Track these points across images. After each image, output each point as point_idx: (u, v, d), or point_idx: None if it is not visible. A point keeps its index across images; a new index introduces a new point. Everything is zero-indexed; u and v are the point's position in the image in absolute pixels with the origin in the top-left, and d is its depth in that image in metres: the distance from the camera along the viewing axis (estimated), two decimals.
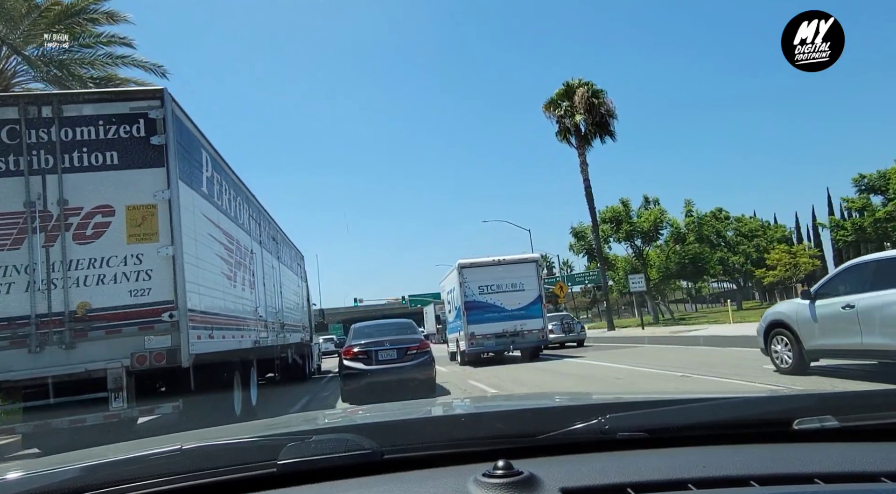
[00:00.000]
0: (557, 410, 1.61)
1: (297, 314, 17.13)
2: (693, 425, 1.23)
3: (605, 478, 0.96)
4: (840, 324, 7.89)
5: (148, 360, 6.21)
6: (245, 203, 10.73)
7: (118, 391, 6.09)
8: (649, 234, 40.97)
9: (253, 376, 10.24)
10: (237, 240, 9.66)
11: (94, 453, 1.31)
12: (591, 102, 31.15)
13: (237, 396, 8.91)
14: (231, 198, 9.56)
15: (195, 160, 7.56)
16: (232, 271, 9.08)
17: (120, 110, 6.49)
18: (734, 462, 1.02)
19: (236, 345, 8.87)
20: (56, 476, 1.08)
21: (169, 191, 6.49)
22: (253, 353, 10.29)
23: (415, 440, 1.23)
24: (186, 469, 1.07)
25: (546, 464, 1.03)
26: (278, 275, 13.82)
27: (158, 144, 6.52)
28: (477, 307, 17.25)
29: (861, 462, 1.01)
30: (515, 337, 17.11)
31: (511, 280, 17.43)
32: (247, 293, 10.09)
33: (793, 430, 1.18)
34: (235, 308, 9.15)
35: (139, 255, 6.39)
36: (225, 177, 9.21)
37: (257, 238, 11.65)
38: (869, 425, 1.20)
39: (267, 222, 13.23)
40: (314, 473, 1.07)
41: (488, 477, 0.94)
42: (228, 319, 8.62)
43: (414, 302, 60.33)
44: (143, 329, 6.29)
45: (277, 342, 12.92)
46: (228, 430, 1.66)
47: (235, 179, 10.11)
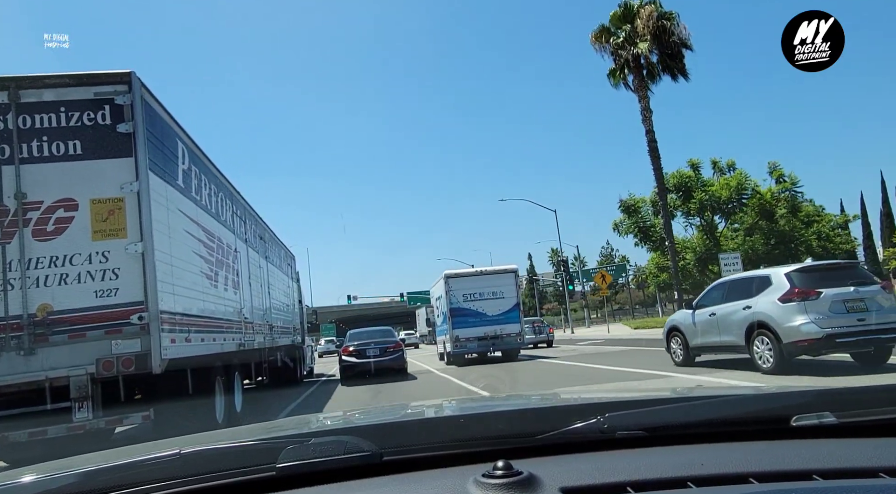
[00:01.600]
0: (556, 410, 1.59)
1: (288, 316, 16.65)
2: (692, 423, 1.23)
3: (604, 477, 0.97)
4: (708, 327, 10.59)
5: (115, 366, 5.72)
6: (228, 200, 10.23)
7: (83, 401, 5.60)
8: (727, 206, 30.96)
9: (237, 381, 9.76)
10: (219, 238, 9.17)
11: (92, 458, 1.29)
12: (661, 26, 24.66)
13: (219, 402, 8.42)
14: (212, 193, 9.07)
15: (169, 151, 7.07)
16: (213, 270, 8.59)
17: (83, 96, 6.00)
18: (733, 459, 1.02)
19: (218, 349, 8.38)
20: (55, 481, 1.08)
21: (137, 183, 6.00)
22: (237, 356, 9.80)
23: (414, 441, 1.23)
24: (186, 473, 1.07)
25: (545, 464, 1.03)
26: (266, 275, 13.32)
27: (126, 132, 6.03)
28: (461, 313, 19.08)
29: (859, 458, 1.01)
30: (496, 340, 18.96)
31: (492, 289, 19.23)
32: (230, 294, 9.60)
33: (791, 427, 1.18)
34: (217, 310, 8.66)
35: (105, 252, 5.90)
36: (205, 171, 8.72)
37: (242, 237, 11.16)
38: (867, 421, 1.19)
39: (254, 220, 12.73)
40: (314, 475, 1.07)
41: (488, 478, 0.94)
42: (209, 321, 8.13)
43: (412, 300, 59.27)
44: (109, 333, 5.79)
45: (265, 344, 12.43)
46: (227, 434, 1.67)
47: (217, 175, 9.62)
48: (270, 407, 11.71)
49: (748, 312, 9.48)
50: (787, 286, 8.96)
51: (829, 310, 8.58)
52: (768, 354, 9.08)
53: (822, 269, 9.70)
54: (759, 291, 9.50)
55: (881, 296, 8.85)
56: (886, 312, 8.64)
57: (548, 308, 78.18)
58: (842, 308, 8.60)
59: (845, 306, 8.61)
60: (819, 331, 8.47)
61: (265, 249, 13.75)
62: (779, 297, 8.98)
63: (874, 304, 8.66)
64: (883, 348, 8.91)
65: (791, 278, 9.08)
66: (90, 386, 5.64)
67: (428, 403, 3.69)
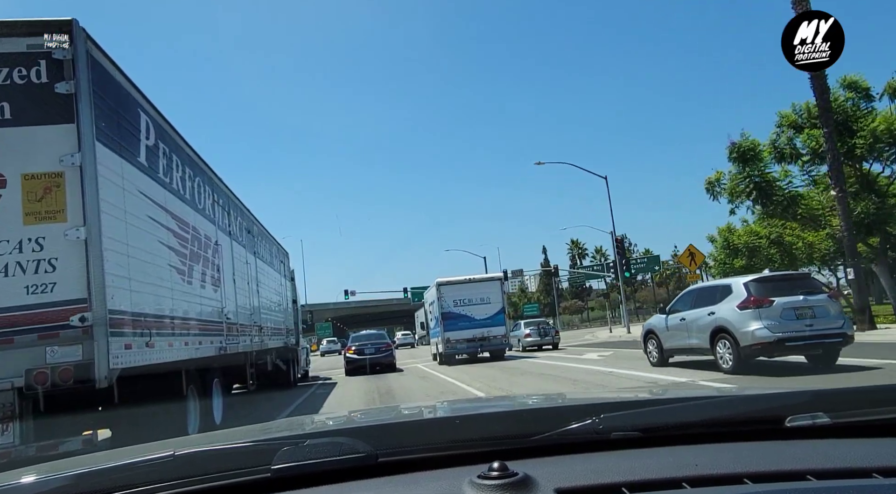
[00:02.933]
0: (552, 411, 1.58)
1: (280, 316, 15.58)
2: (686, 423, 1.23)
3: (599, 478, 0.96)
4: (679, 331, 11.44)
5: (50, 378, 4.64)
6: (207, 186, 9.16)
7: (6, 422, 4.53)
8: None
9: (216, 389, 8.68)
10: (195, 228, 8.10)
11: (86, 460, 1.27)
12: None
13: (193, 415, 7.37)
14: (186, 177, 7.99)
15: (127, 122, 6.00)
16: (187, 264, 7.52)
17: (13, 49, 4.91)
18: (727, 459, 1.02)
19: (191, 354, 7.31)
20: (48, 483, 1.08)
21: (80, 154, 4.91)
22: (217, 361, 8.74)
23: (409, 442, 1.22)
24: (180, 475, 1.06)
25: (541, 465, 1.03)
26: (254, 272, 12.24)
27: (66, 92, 4.94)
28: (452, 317, 20.88)
29: (853, 458, 1.01)
30: (483, 342, 20.76)
31: (480, 295, 21.07)
32: (209, 292, 8.53)
33: (785, 427, 1.18)
34: (192, 309, 7.59)
35: (40, 239, 4.82)
36: (176, 150, 7.64)
37: (225, 229, 10.08)
38: (860, 421, 1.19)
39: (240, 210, 11.65)
40: (308, 477, 1.06)
41: (483, 479, 0.94)
42: (180, 322, 7.06)
43: (416, 295, 56.87)
44: (44, 338, 4.71)
45: (252, 347, 11.36)
46: (222, 435, 1.64)
47: (194, 157, 8.54)
48: (259, 418, 10.64)
49: (712, 317, 10.31)
50: (745, 295, 9.80)
51: (781, 316, 9.41)
52: (728, 356, 9.87)
53: (776, 279, 10.43)
54: (721, 298, 10.32)
55: (828, 304, 9.68)
56: (832, 318, 9.55)
57: (564, 307, 73.51)
58: (792, 315, 9.44)
59: (795, 312, 9.45)
60: (771, 335, 9.28)
61: (253, 243, 12.66)
62: (737, 304, 9.82)
63: (822, 311, 9.51)
64: (830, 350, 9.69)
65: (748, 287, 9.91)
66: (17, 403, 4.57)
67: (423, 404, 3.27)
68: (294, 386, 16.91)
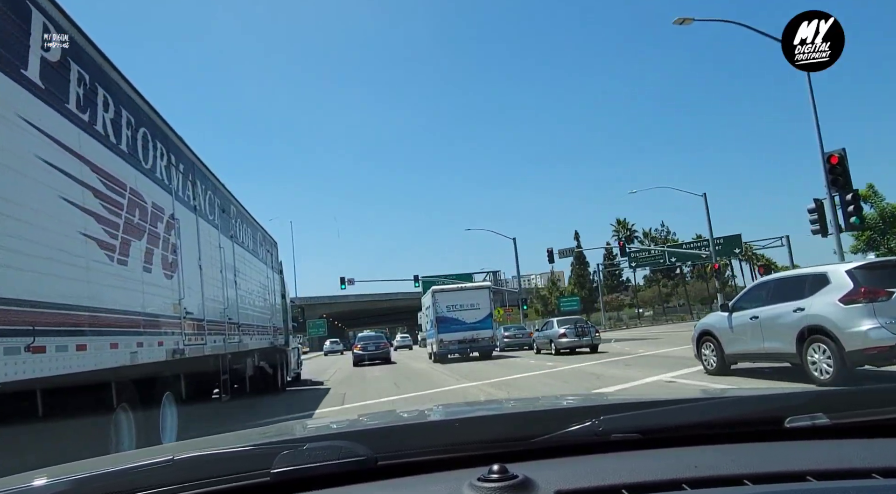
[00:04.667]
0: (551, 413, 1.56)
1: (266, 313, 13.60)
2: (686, 425, 1.21)
3: (599, 480, 0.95)
4: (748, 332, 9.54)
5: None
6: (160, 143, 7.15)
7: None
8: None
9: (167, 403, 6.68)
10: (136, 192, 6.10)
11: (84, 465, 1.22)
12: None
13: (126, 438, 5.41)
14: (125, 123, 5.99)
15: (9, 23, 4.01)
16: (118, 237, 5.52)
17: None
18: (727, 460, 1.01)
19: (120, 360, 5.32)
20: (46, 489, 1.06)
21: None
22: (171, 368, 6.75)
23: (409, 445, 1.19)
24: (179, 479, 1.03)
25: (541, 467, 1.01)
26: (230, 259, 10.23)
27: None
28: (445, 321, 23.40)
29: (853, 459, 1.01)
30: (472, 343, 23.30)
31: (470, 301, 23.61)
32: (157, 277, 6.54)
33: (784, 428, 1.17)
34: (125, 299, 5.61)
35: None
36: (105, 83, 5.63)
37: (188, 201, 8.08)
38: (860, 422, 1.18)
39: (211, 184, 9.65)
40: (308, 481, 1.03)
41: (483, 482, 0.92)
42: (103, 316, 5.08)
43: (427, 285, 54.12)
44: None
45: (227, 349, 9.37)
46: (222, 440, 1.59)
47: (138, 100, 6.54)
48: None
49: (800, 315, 8.46)
50: (850, 285, 7.98)
51: None
52: (826, 364, 8.03)
53: (890, 266, 8.64)
54: (813, 290, 8.48)
55: None
56: None
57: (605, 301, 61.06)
58: None
59: None
60: (891, 337, 7.45)
61: (230, 225, 10.65)
62: (839, 297, 7.98)
63: None
64: None
65: (854, 275, 8.07)
66: None
67: (423, 407, 3.42)
68: (283, 391, 14.97)
